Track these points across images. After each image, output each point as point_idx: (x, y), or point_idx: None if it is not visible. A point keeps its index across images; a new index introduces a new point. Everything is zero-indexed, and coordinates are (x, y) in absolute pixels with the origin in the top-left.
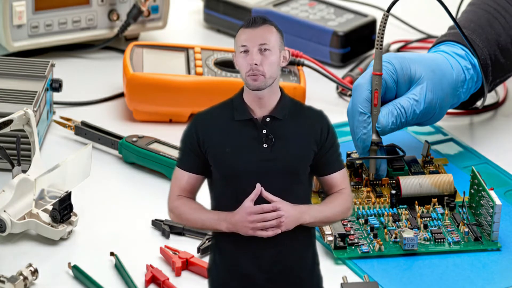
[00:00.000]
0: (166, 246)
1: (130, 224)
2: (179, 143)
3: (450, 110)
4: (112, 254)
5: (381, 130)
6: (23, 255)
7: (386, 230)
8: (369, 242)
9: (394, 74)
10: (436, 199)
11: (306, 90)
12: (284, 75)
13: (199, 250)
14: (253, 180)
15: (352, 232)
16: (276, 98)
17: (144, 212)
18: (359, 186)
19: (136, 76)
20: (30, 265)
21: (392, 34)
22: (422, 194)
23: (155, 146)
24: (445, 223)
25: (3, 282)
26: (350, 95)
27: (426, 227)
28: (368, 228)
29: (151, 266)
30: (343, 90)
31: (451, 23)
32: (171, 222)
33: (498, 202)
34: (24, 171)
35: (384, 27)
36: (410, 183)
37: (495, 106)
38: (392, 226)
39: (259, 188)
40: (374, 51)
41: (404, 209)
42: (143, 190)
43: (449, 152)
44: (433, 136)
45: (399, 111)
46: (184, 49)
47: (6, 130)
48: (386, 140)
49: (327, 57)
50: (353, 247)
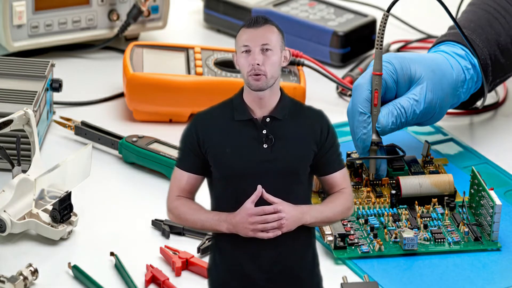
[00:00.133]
0: (166, 246)
1: (130, 224)
2: (178, 143)
3: (450, 110)
4: (112, 254)
5: (381, 130)
6: (23, 255)
7: (386, 230)
8: (369, 242)
9: (394, 74)
10: (436, 199)
11: (306, 90)
12: (284, 75)
13: (199, 250)
14: (253, 181)
15: (352, 232)
16: (276, 98)
17: (144, 212)
18: (359, 186)
19: (136, 76)
20: (30, 265)
21: (392, 34)
22: (422, 194)
23: (155, 146)
24: (445, 223)
25: (3, 282)
26: (350, 95)
27: (426, 227)
28: (368, 228)
29: (151, 266)
30: (343, 90)
31: (451, 23)
32: (171, 222)
33: (498, 202)
34: (24, 171)
35: (384, 27)
36: (410, 183)
37: (495, 106)
38: (392, 226)
39: (260, 189)
40: (374, 51)
41: (404, 209)
42: (143, 190)
43: (449, 152)
44: (433, 136)
45: (399, 111)
46: (184, 49)
47: (6, 130)
48: (386, 140)
49: (327, 57)
50: (353, 247)
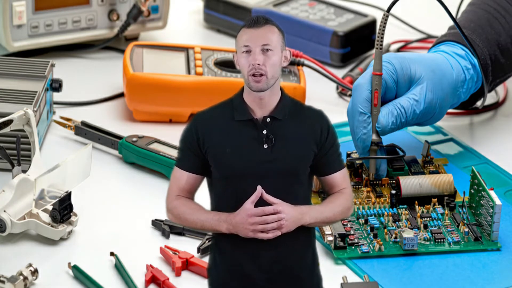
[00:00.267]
0: (166, 246)
1: (130, 224)
2: (178, 143)
3: (450, 110)
4: (112, 254)
5: (381, 130)
6: (23, 255)
7: (386, 230)
8: (369, 242)
9: (394, 74)
10: (436, 199)
11: (306, 90)
12: (284, 75)
13: (199, 250)
14: (253, 181)
15: (352, 232)
16: (276, 98)
17: (144, 212)
18: (359, 186)
19: (136, 76)
20: (30, 265)
21: (392, 34)
22: (422, 194)
23: (155, 146)
24: (445, 223)
25: (3, 282)
26: (350, 95)
27: (426, 227)
28: (368, 228)
29: (151, 266)
30: (343, 90)
31: (451, 23)
32: (171, 222)
33: (498, 202)
34: (24, 171)
35: (384, 27)
36: (410, 183)
37: (495, 106)
38: (392, 226)
39: (259, 190)
40: (374, 51)
41: (404, 209)
42: (143, 190)
43: (449, 152)
44: (433, 136)
45: (399, 111)
46: (184, 49)
47: (6, 130)
48: (386, 140)
49: (327, 57)
50: (353, 247)
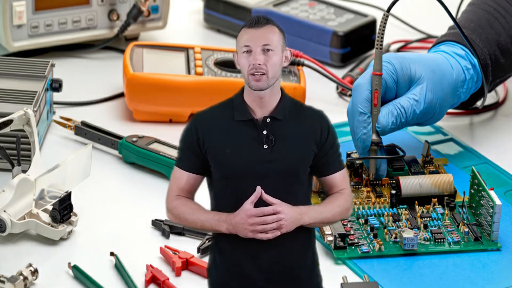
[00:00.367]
0: (166, 246)
1: (130, 224)
2: (178, 143)
3: (450, 110)
4: (112, 254)
5: (381, 130)
6: (23, 255)
7: (386, 230)
8: (369, 242)
9: (394, 74)
10: (436, 199)
11: (306, 90)
12: (284, 75)
13: (199, 250)
14: (253, 181)
15: (352, 232)
16: (276, 98)
17: (144, 212)
18: (359, 186)
19: (136, 76)
20: (30, 265)
21: (392, 34)
22: (422, 194)
23: (155, 146)
24: (445, 223)
25: (3, 282)
26: (350, 95)
27: (426, 227)
28: (368, 228)
29: (151, 266)
30: (343, 90)
31: (451, 23)
32: (171, 222)
33: (498, 202)
34: (24, 171)
35: (384, 27)
36: (410, 183)
37: (495, 106)
38: (392, 226)
39: (259, 190)
40: (374, 51)
41: (404, 209)
42: (143, 190)
43: (449, 152)
44: (433, 136)
45: (399, 111)
46: (184, 49)
47: (6, 130)
48: (386, 140)
49: (327, 57)
50: (353, 247)
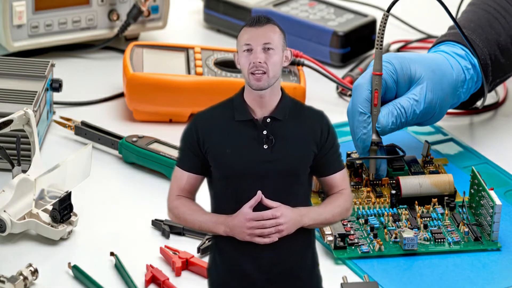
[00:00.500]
0: (166, 246)
1: (130, 224)
2: (179, 143)
3: (450, 110)
4: (112, 254)
5: (381, 130)
6: (23, 255)
7: (386, 230)
8: (369, 242)
9: (394, 74)
10: (436, 199)
11: (306, 90)
12: (284, 75)
13: (199, 250)
14: (253, 181)
15: (352, 232)
16: (276, 98)
17: (144, 212)
18: (359, 186)
19: (136, 76)
20: (30, 265)
21: (392, 34)
22: (422, 194)
23: (155, 146)
24: (445, 223)
25: (3, 282)
26: (350, 95)
27: (426, 227)
28: (368, 228)
29: (151, 266)
30: (343, 90)
31: (451, 23)
32: (171, 222)
33: (498, 202)
34: (24, 171)
35: (384, 27)
36: (410, 183)
37: (495, 106)
38: (392, 226)
39: (259, 195)
40: (374, 51)
41: (404, 209)
42: (143, 190)
43: (449, 152)
44: (433, 136)
45: (399, 111)
46: (184, 49)
47: (6, 130)
48: (386, 140)
49: (327, 57)
50: (353, 247)
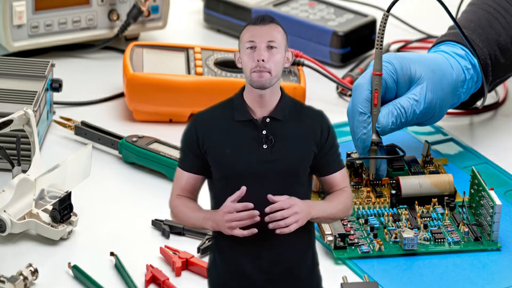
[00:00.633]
0: (166, 246)
1: (130, 224)
2: (179, 143)
3: (450, 110)
4: (112, 254)
5: (381, 130)
6: (23, 255)
7: (386, 230)
8: (369, 242)
9: (394, 74)
10: (436, 199)
11: (306, 90)
12: (284, 75)
13: (199, 250)
14: (253, 181)
15: (352, 232)
16: (276, 98)
17: (144, 212)
18: (359, 186)
19: (136, 76)
20: (30, 265)
21: (392, 34)
22: (422, 194)
23: (155, 146)
24: (445, 223)
25: (3, 282)
26: (350, 95)
27: (426, 227)
28: (368, 228)
29: (151, 266)
30: (343, 90)
31: (451, 23)
32: (171, 222)
33: (498, 202)
34: (24, 171)
35: (384, 27)
36: (410, 183)
37: (495, 106)
38: (392, 226)
39: (243, 189)
40: (374, 51)
41: (404, 209)
42: (143, 190)
43: (449, 152)
44: (433, 136)
45: (399, 111)
46: (184, 49)
47: (6, 130)
48: (386, 140)
49: (327, 57)
50: (353, 247)
